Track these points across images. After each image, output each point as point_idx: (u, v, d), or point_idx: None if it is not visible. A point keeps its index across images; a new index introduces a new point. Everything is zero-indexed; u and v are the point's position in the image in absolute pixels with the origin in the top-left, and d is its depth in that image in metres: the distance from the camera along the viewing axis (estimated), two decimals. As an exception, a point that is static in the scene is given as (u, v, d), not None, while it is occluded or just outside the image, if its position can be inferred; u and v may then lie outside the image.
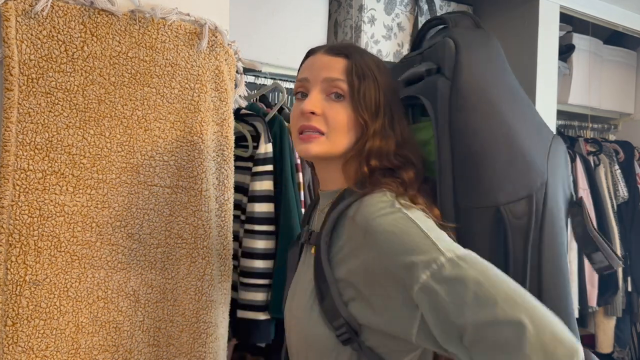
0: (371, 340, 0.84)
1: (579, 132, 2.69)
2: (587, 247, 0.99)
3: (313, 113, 0.90)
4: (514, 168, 0.87)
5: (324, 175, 0.99)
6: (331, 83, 0.91)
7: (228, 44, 1.26)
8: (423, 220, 0.80)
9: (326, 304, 0.86)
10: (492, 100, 0.89)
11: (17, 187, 1.02)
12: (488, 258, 0.77)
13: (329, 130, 0.90)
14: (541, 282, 0.87)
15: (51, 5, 1.04)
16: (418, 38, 1.14)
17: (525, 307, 0.70)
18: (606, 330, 2.41)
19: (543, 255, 0.87)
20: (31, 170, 1.04)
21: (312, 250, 0.93)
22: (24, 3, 1.01)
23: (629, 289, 2.46)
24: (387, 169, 0.91)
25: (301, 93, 0.95)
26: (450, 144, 0.88)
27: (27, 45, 1.02)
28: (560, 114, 2.47)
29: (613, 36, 2.64)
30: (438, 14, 2.02)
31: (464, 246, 0.79)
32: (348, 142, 0.91)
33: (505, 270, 0.79)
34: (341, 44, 0.98)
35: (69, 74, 1.07)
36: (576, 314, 2.18)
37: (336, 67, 0.92)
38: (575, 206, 0.99)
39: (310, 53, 0.99)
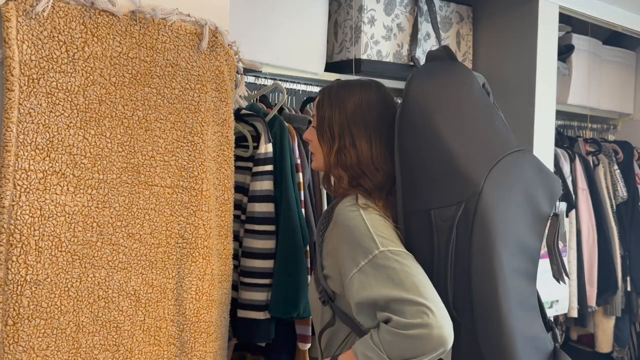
0: (341, 304, 1.12)
1: (578, 132, 2.69)
2: (549, 255, 1.22)
3: (307, 140, 1.25)
4: (446, 179, 1.06)
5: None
6: (311, 116, 1.21)
7: (228, 45, 1.27)
8: (372, 220, 1.06)
9: (314, 274, 1.20)
10: (431, 123, 1.07)
11: (18, 187, 1.02)
12: (421, 253, 1.05)
13: (313, 150, 1.23)
14: (470, 274, 1.04)
15: (52, 6, 1.04)
16: None
17: (424, 295, 0.96)
18: (605, 330, 2.42)
19: (472, 253, 1.04)
20: (32, 171, 1.04)
21: None
22: (24, 3, 1.01)
23: (628, 288, 2.46)
24: (356, 179, 1.13)
25: None
26: (399, 158, 1.09)
27: (28, 46, 1.02)
28: (560, 114, 2.47)
29: (612, 36, 2.65)
30: (437, 15, 2.03)
31: (407, 243, 1.06)
32: (322, 159, 1.19)
33: (431, 262, 1.05)
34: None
35: (69, 74, 1.07)
36: (575, 314, 2.19)
37: (316, 104, 1.20)
38: (553, 217, 1.17)
39: None
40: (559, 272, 1.22)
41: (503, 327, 1.04)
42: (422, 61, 1.99)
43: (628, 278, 2.46)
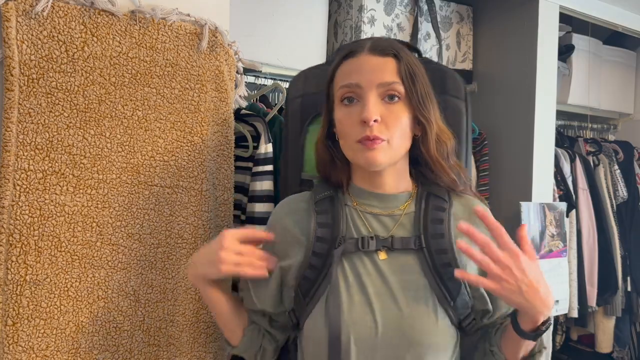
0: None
1: (579, 132, 2.69)
2: None
3: (376, 121, 0.89)
4: None
5: (381, 180, 0.98)
6: (387, 87, 0.91)
7: (228, 45, 1.27)
8: None
9: (459, 302, 0.93)
10: None
11: (18, 187, 1.02)
12: None
13: (390, 136, 0.91)
14: None
15: (51, 6, 1.04)
16: None
17: None
18: (605, 330, 2.41)
19: None
20: (32, 171, 1.04)
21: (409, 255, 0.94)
22: (24, 3, 1.01)
23: (629, 288, 2.46)
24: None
25: (348, 98, 0.93)
26: None
27: (27, 46, 1.02)
28: (560, 114, 2.47)
29: (612, 36, 2.65)
30: (438, 14, 2.02)
31: None
32: (407, 144, 0.95)
33: None
34: (382, 41, 0.96)
35: (69, 74, 1.07)
36: (575, 314, 2.18)
37: (389, 69, 0.92)
38: None
39: (350, 54, 0.96)
40: None
41: None
42: (422, 61, 1.99)
43: (628, 278, 2.46)
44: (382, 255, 0.94)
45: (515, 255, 0.85)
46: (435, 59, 2.03)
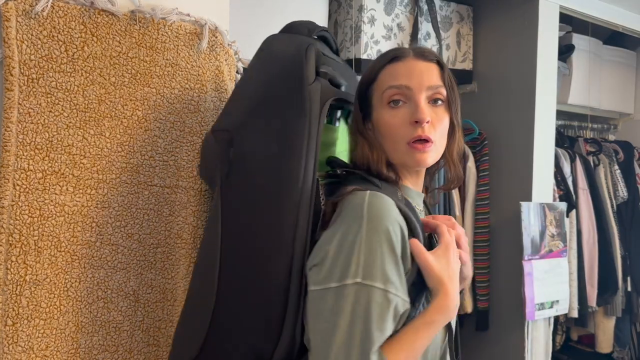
0: None
1: (579, 132, 2.69)
2: None
3: (428, 122, 0.93)
4: None
5: (418, 180, 1.03)
6: (435, 90, 0.95)
7: (228, 44, 1.26)
8: None
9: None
10: None
11: (18, 187, 1.02)
12: None
13: (436, 137, 0.95)
14: None
15: (51, 6, 1.04)
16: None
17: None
18: (606, 330, 2.42)
19: None
20: (31, 170, 1.04)
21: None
22: (24, 3, 1.01)
23: (629, 289, 2.46)
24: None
25: (394, 101, 0.95)
26: None
27: (27, 46, 1.02)
28: (560, 114, 2.47)
29: (613, 36, 2.65)
30: (438, 14, 2.02)
31: None
32: (445, 145, 0.99)
33: None
34: (424, 48, 1.01)
35: (69, 74, 1.07)
36: (576, 314, 2.18)
37: (434, 73, 0.96)
38: None
39: (395, 58, 0.98)
40: None
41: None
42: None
43: (628, 278, 2.46)
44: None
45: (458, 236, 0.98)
46: (435, 58, 2.03)
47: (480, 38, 2.16)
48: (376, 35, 1.86)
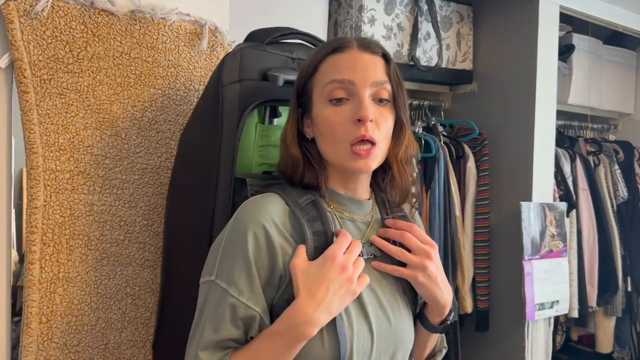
0: None
1: (579, 132, 2.69)
2: None
3: (371, 121, 0.85)
4: None
5: (356, 185, 0.94)
6: (380, 86, 0.87)
7: (228, 44, 1.27)
8: None
9: (417, 301, 0.98)
10: None
11: (48, 188, 1.03)
12: None
13: (380, 138, 0.87)
14: None
15: (51, 6, 1.04)
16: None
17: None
18: (606, 330, 2.41)
19: None
20: (59, 171, 1.05)
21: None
22: (24, 3, 1.01)
23: (629, 289, 2.46)
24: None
25: (337, 99, 0.87)
26: None
27: (34, 47, 1.02)
28: (560, 114, 2.47)
29: (613, 36, 2.64)
30: (438, 14, 2.02)
31: None
32: (388, 147, 0.91)
33: None
34: (368, 39, 0.92)
35: (77, 74, 1.07)
36: (576, 314, 2.18)
37: (380, 67, 0.88)
38: None
39: (338, 48, 0.89)
40: None
41: None
42: (423, 61, 1.99)
43: (629, 278, 2.46)
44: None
45: (432, 245, 0.91)
46: (435, 58, 2.03)
47: (480, 38, 2.16)
48: (376, 35, 1.86)
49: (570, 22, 2.36)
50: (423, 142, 1.92)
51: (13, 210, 1.04)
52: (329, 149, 0.89)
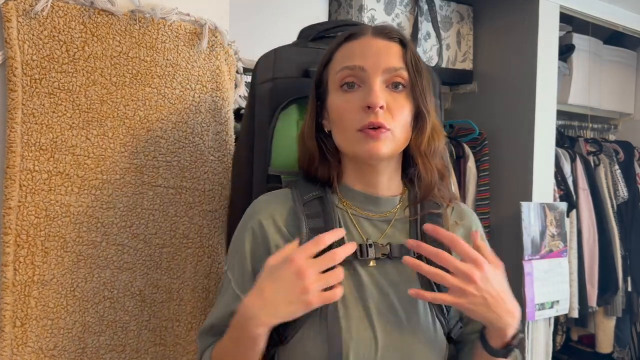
0: None
1: (579, 132, 2.69)
2: None
3: (381, 107, 0.80)
4: None
5: (376, 179, 0.89)
6: (394, 73, 0.83)
7: (228, 44, 1.26)
8: None
9: (452, 311, 0.88)
10: None
11: (24, 188, 1.02)
12: None
13: (394, 126, 0.82)
14: None
15: (51, 6, 1.03)
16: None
17: None
18: (606, 330, 2.41)
19: None
20: (37, 171, 1.03)
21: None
22: (24, 3, 1.01)
23: (629, 289, 2.46)
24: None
25: (349, 84, 0.84)
26: None
27: (29, 46, 1.02)
28: (560, 114, 2.47)
29: (613, 36, 2.65)
30: (438, 14, 2.02)
31: None
32: (407, 138, 0.86)
33: None
34: (387, 26, 0.89)
35: (70, 74, 1.06)
36: (576, 314, 2.18)
37: (394, 53, 0.84)
38: None
39: (352, 36, 0.87)
40: None
41: None
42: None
43: (629, 278, 2.46)
44: (372, 262, 0.85)
45: (478, 263, 0.78)
46: (435, 58, 2.03)
47: (480, 38, 2.16)
48: (376, 35, 1.86)
49: (571, 22, 2.36)
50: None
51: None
52: (340, 138, 0.86)
